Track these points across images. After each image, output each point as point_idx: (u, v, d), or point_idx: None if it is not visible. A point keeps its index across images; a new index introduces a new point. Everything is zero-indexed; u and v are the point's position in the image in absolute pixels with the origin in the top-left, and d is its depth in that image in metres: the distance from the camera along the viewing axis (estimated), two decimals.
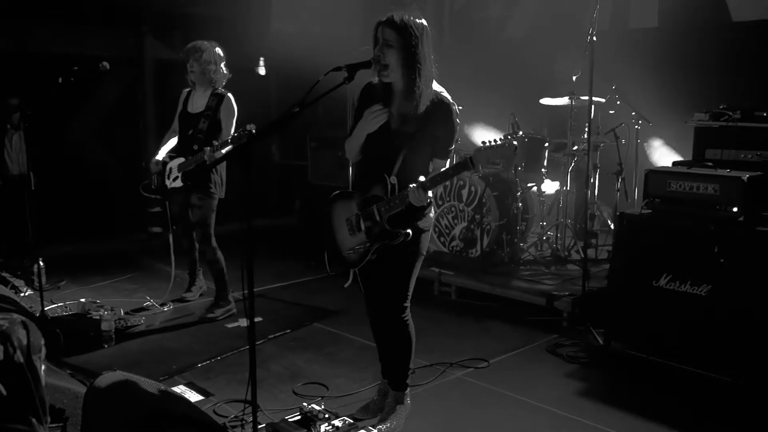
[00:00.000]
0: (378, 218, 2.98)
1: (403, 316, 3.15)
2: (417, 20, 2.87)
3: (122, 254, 6.81)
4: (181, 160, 4.77)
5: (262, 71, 8.64)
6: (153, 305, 5.07)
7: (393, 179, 2.95)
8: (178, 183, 4.77)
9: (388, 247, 3.00)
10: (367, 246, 3.04)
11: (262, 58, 8.59)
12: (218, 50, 4.80)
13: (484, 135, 7.54)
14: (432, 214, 3.14)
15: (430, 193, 2.91)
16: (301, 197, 8.47)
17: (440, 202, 5.80)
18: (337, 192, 3.20)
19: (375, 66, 2.88)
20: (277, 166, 9.26)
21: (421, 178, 2.83)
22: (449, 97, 2.94)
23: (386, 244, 2.98)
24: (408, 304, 3.15)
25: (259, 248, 4.82)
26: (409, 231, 2.95)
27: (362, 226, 3.06)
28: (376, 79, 3.02)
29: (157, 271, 6.16)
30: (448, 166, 2.97)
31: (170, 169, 4.84)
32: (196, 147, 4.69)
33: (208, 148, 4.50)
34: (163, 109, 7.84)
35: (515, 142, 2.66)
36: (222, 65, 4.81)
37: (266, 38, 8.21)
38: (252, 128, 3.74)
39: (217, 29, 6.87)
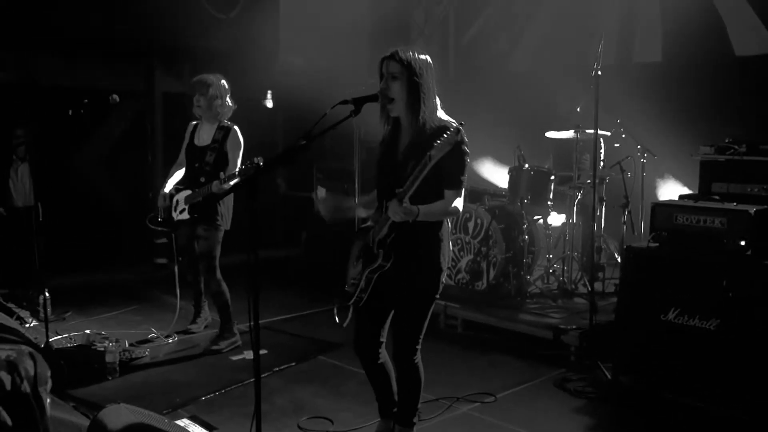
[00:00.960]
0: (369, 243, 2.99)
1: (414, 358, 3.12)
2: (420, 56, 2.94)
3: (127, 286, 6.81)
4: (188, 192, 4.81)
5: (269, 104, 8.74)
6: (158, 337, 5.06)
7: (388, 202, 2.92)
8: (185, 215, 4.80)
9: (389, 279, 2.97)
10: (359, 277, 3.03)
11: (269, 91, 8.70)
12: (224, 83, 4.87)
13: (490, 168, 7.59)
14: (448, 249, 3.09)
15: (406, 204, 2.80)
16: (308, 229, 8.49)
17: None
18: (361, 227, 3.19)
19: (381, 99, 2.93)
20: (284, 198, 9.31)
21: (398, 189, 2.79)
22: (455, 123, 2.96)
23: (372, 270, 2.96)
24: (419, 346, 3.12)
25: (265, 280, 4.81)
26: (390, 253, 2.89)
27: (361, 256, 3.07)
28: (385, 128, 3.07)
29: (162, 302, 6.15)
30: (461, 199, 2.95)
31: (177, 201, 4.88)
32: (203, 179, 4.73)
33: (216, 180, 4.55)
34: (171, 142, 7.90)
35: (461, 124, 2.68)
36: (228, 98, 4.87)
37: (274, 71, 8.32)
38: (260, 161, 3.78)
39: (226, 62, 6.98)
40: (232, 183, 4.52)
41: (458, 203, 2.95)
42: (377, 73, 2.97)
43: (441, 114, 3.00)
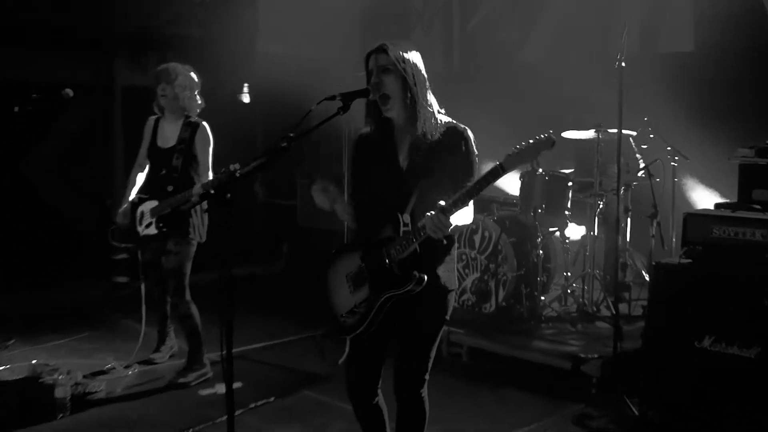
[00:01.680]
0: (387, 263, 2.94)
1: (422, 391, 3.10)
2: (411, 51, 2.98)
3: (81, 308, 6.75)
4: (154, 203, 4.77)
5: (245, 99, 8.73)
6: (116, 368, 5.02)
7: (406, 217, 2.92)
8: (152, 230, 4.75)
9: (397, 304, 2.94)
10: (370, 303, 2.98)
11: (246, 84, 8.70)
12: (194, 75, 4.85)
13: None
14: (454, 265, 3.09)
15: (452, 219, 2.80)
16: (290, 242, 8.48)
17: None
18: (336, 249, 3.16)
19: (373, 94, 2.93)
20: (262, 207, 9.29)
21: (441, 202, 2.79)
22: (461, 125, 3.00)
23: (395, 294, 2.92)
24: (428, 377, 3.11)
25: (240, 301, 4.77)
26: (424, 276, 2.88)
27: (366, 279, 3.02)
28: (366, 129, 3.09)
29: (122, 327, 6.11)
30: (471, 206, 2.94)
31: (141, 213, 4.84)
32: (170, 188, 4.69)
33: (189, 191, 4.54)
34: (133, 142, 7.82)
35: (553, 136, 2.64)
36: (197, 93, 4.86)
37: (251, 62, 8.32)
38: (236, 169, 3.76)
39: (196, 52, 6.98)
40: (199, 193, 4.51)
41: (470, 214, 2.97)
42: (365, 70, 2.98)
43: (441, 117, 3.02)
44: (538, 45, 7.83)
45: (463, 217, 2.90)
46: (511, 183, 7.33)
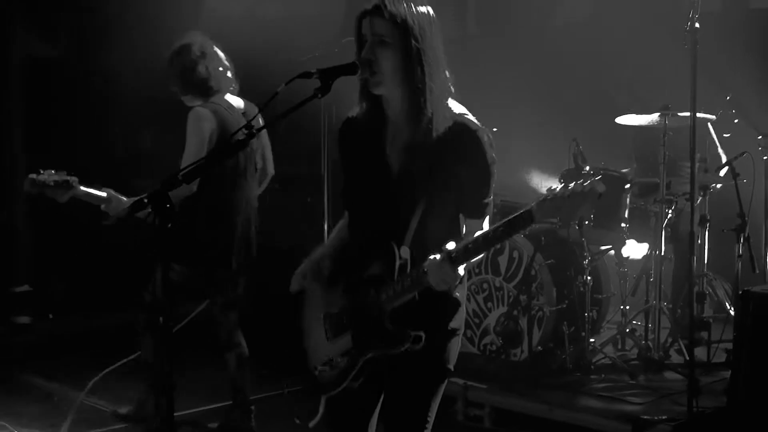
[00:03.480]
0: (376, 312, 2.93)
1: None
2: (420, 7, 2.91)
3: None
4: None
5: None
6: None
7: (404, 251, 2.88)
8: None
9: (389, 362, 2.94)
10: (352, 359, 2.98)
11: None
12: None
13: (530, 172, 7.58)
14: (463, 301, 3.09)
15: (461, 270, 2.78)
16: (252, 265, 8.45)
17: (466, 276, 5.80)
18: (309, 271, 3.16)
19: (363, 71, 2.90)
20: None
21: (450, 245, 2.75)
22: (475, 121, 2.93)
23: (383, 354, 2.92)
24: None
25: (183, 348, 4.76)
26: (421, 334, 2.86)
27: (348, 327, 3.02)
28: (355, 112, 3.06)
29: (23, 385, 6.09)
30: (486, 228, 2.91)
31: None
32: None
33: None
34: (36, 128, 7.86)
35: (599, 188, 2.46)
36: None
37: (199, 25, 8.32)
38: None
39: (123, 13, 6.99)
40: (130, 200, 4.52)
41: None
42: (355, 35, 2.94)
43: (453, 104, 2.98)
44: (581, 1, 7.86)
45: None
46: (547, 185, 7.33)
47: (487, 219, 2.98)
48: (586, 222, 5.72)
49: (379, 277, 2.93)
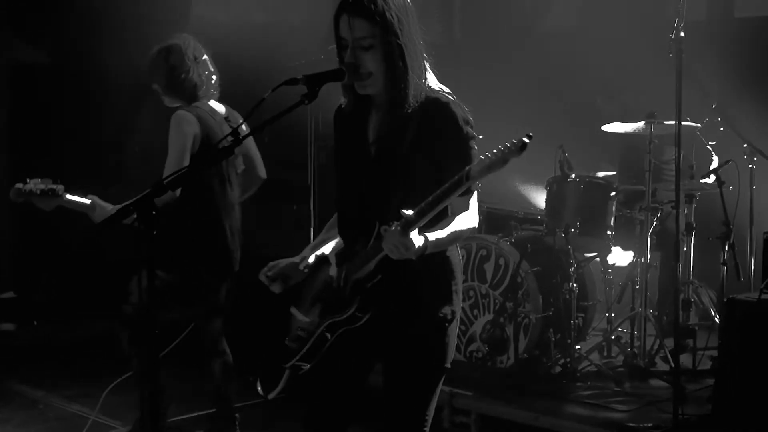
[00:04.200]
0: (342, 283, 2.98)
1: None
2: (396, 3, 2.90)
3: None
4: None
5: None
6: None
7: (385, 228, 2.81)
8: None
9: (346, 333, 2.95)
10: (311, 327, 3.02)
11: None
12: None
13: (517, 180, 7.59)
14: (461, 289, 3.09)
15: (416, 239, 2.71)
16: (235, 273, 8.43)
17: None
18: (319, 257, 3.19)
19: (351, 76, 2.91)
20: None
21: (406, 212, 2.70)
22: (450, 94, 2.95)
23: (337, 322, 2.94)
24: None
25: (170, 356, 4.75)
26: (368, 302, 2.88)
27: (322, 299, 3.07)
28: (344, 100, 3.09)
29: (15, 397, 6.07)
30: (472, 206, 2.92)
31: None
32: None
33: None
34: (22, 135, 7.83)
35: (524, 138, 2.58)
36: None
37: (184, 31, 8.30)
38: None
39: (107, 18, 6.96)
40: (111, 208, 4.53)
41: (473, 217, 2.93)
42: (334, 35, 2.94)
43: (431, 80, 3.00)
44: (568, 8, 7.87)
45: (460, 223, 2.87)
46: (533, 193, 7.35)
47: (474, 196, 2.94)
48: (572, 229, 5.73)
49: (356, 252, 2.97)
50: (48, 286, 7.75)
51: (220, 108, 4.95)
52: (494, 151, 2.61)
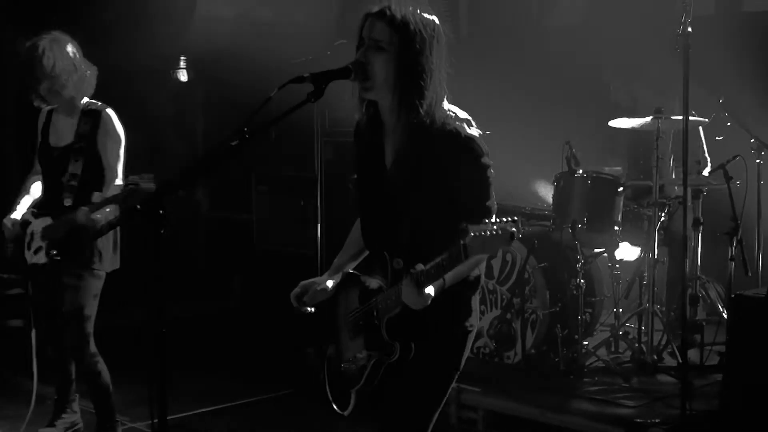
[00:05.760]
0: (376, 320, 3.00)
1: None
2: (426, 16, 2.92)
3: None
4: (48, 221, 4.76)
5: (182, 77, 8.71)
6: None
7: (397, 262, 2.92)
8: (41, 257, 4.73)
9: (391, 366, 2.98)
10: (364, 361, 3.04)
11: (183, 58, 8.68)
12: (70, 46, 4.78)
13: (524, 176, 7.58)
14: (476, 301, 3.12)
15: (430, 291, 2.80)
16: (243, 269, 8.45)
17: None
18: (348, 273, 3.22)
19: (357, 75, 2.90)
20: (206, 222, 9.26)
21: (419, 267, 2.77)
22: (466, 127, 2.92)
23: (384, 360, 2.98)
24: None
25: (177, 352, 4.74)
26: (411, 345, 2.94)
27: (361, 330, 3.08)
28: (359, 116, 3.10)
29: (14, 388, 6.08)
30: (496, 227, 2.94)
31: (32, 233, 4.82)
32: (68, 201, 4.67)
33: (85, 208, 4.51)
34: (29, 134, 7.84)
35: (512, 229, 2.62)
36: (83, 64, 4.81)
37: (189, 27, 8.31)
38: (143, 184, 3.76)
39: (113, 16, 6.97)
40: (108, 209, 4.51)
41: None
42: (356, 36, 2.95)
43: (444, 102, 2.99)
44: (575, 3, 7.86)
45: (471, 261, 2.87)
46: (540, 189, 7.35)
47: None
48: (580, 225, 5.74)
49: (379, 288, 3.00)
50: None
51: None
52: (489, 230, 2.63)
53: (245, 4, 8.35)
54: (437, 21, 2.95)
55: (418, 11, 2.90)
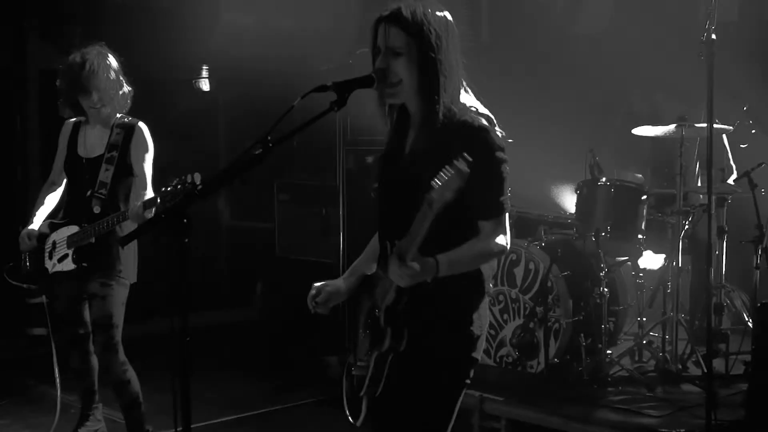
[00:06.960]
0: (377, 311, 2.99)
1: None
2: (438, 13, 2.93)
3: None
4: (74, 229, 4.79)
5: (205, 86, 8.76)
6: None
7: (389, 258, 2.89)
8: (68, 265, 4.77)
9: (399, 365, 2.95)
10: (368, 359, 3.02)
11: (205, 67, 8.72)
12: (115, 62, 4.86)
13: (546, 184, 7.58)
14: (486, 306, 3.09)
15: (415, 265, 2.76)
16: (265, 278, 8.47)
17: None
18: (365, 276, 3.21)
19: (379, 84, 2.91)
20: (228, 231, 9.29)
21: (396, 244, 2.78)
22: (481, 118, 2.93)
23: (380, 350, 2.95)
24: None
25: (201, 359, 4.76)
26: (403, 332, 2.90)
27: (368, 325, 3.07)
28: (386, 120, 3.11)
29: (39, 396, 6.11)
30: (499, 227, 2.93)
31: (53, 243, 4.85)
32: (97, 209, 4.73)
33: (138, 203, 4.55)
34: (52, 144, 7.90)
35: (464, 164, 2.62)
36: (125, 81, 4.88)
37: (212, 37, 8.35)
38: (196, 179, 3.76)
39: (136, 25, 7.01)
40: (145, 215, 4.52)
41: (501, 239, 2.93)
42: (370, 41, 2.96)
43: (465, 98, 3.00)
44: (598, 10, 7.85)
45: (482, 243, 2.89)
46: (563, 197, 7.34)
47: (505, 217, 2.95)
48: (603, 233, 5.72)
49: (378, 276, 3.01)
50: None
51: None
52: (446, 175, 2.65)
53: (267, 13, 8.38)
54: (448, 15, 2.97)
55: (431, 9, 2.91)
